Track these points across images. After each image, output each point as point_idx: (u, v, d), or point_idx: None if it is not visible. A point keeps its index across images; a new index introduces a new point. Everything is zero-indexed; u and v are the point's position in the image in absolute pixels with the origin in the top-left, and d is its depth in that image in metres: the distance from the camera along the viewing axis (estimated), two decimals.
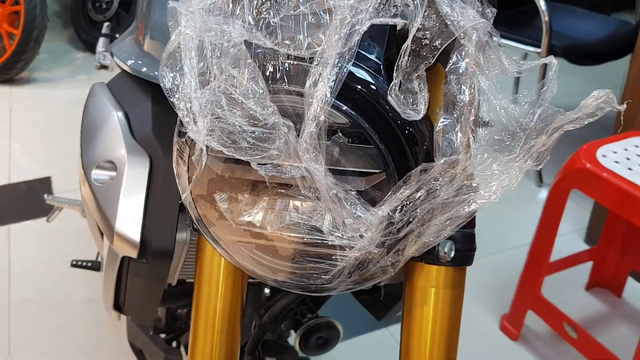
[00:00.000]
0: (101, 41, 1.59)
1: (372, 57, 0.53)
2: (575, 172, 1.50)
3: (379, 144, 0.52)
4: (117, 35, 1.70)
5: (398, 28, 0.50)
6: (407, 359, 0.65)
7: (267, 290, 0.98)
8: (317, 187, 0.51)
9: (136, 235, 0.70)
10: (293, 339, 1.00)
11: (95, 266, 1.41)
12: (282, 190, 0.55)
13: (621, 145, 1.56)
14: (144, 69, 0.78)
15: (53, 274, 1.93)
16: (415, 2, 0.49)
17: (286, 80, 0.51)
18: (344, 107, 0.50)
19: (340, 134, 0.53)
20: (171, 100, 0.52)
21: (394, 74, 0.50)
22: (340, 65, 0.48)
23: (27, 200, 2.32)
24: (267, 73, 0.51)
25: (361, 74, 0.51)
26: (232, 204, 0.58)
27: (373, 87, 0.51)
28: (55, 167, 2.52)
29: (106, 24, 1.68)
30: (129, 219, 0.71)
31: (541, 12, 2.25)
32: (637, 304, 1.90)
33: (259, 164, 0.50)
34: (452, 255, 0.61)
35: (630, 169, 1.45)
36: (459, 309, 0.66)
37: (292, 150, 0.49)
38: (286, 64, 0.51)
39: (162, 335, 1.18)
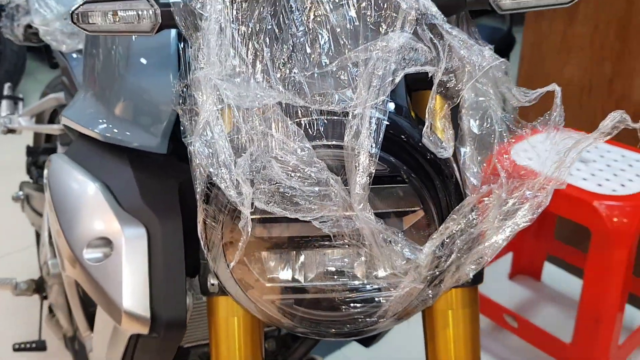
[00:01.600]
0: (4, 104, 1.49)
1: (399, 101, 0.55)
2: (496, 174, 1.61)
3: (416, 183, 0.54)
4: (20, 95, 1.60)
5: (430, 74, 0.53)
6: None
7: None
8: (361, 234, 0.53)
9: (146, 312, 0.67)
10: None
11: (39, 346, 1.31)
12: (325, 242, 0.55)
13: (530, 142, 1.70)
14: (119, 135, 0.75)
15: None
16: (438, 49, 0.52)
17: (324, 135, 0.52)
18: (384, 155, 0.52)
19: None
20: (209, 170, 0.51)
21: (426, 118, 0.53)
22: (377, 116, 0.50)
23: None
24: (303, 130, 0.52)
25: (397, 121, 0.53)
26: (271, 263, 0.57)
27: (409, 133, 0.53)
28: None
29: (7, 84, 1.57)
30: (136, 296, 0.67)
31: None
32: (556, 285, 2.06)
33: (321, 222, 0.50)
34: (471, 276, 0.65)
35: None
36: (477, 326, 0.69)
37: (345, 203, 0.50)
38: (320, 120, 0.52)
39: None
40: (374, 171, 0.50)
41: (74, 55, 1.22)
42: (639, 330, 1.68)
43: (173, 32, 0.73)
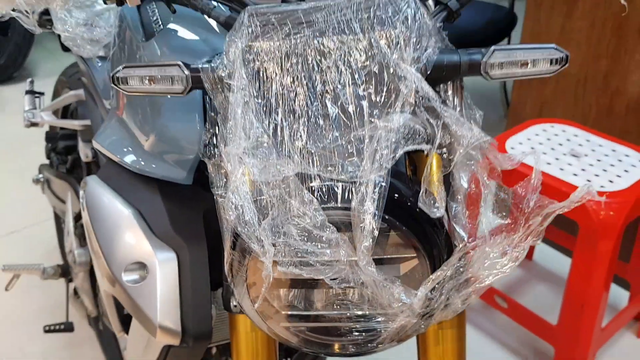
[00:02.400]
0: (27, 99, 1.57)
1: (399, 167, 0.64)
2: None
3: (412, 238, 0.63)
4: (42, 91, 1.67)
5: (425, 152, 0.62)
6: None
7: None
8: (365, 282, 0.63)
9: (178, 327, 0.78)
10: None
11: (67, 327, 1.43)
12: (335, 280, 0.65)
13: (525, 135, 1.78)
14: (147, 167, 0.84)
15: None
16: (433, 127, 0.61)
17: (333, 198, 0.61)
18: (388, 217, 0.61)
19: None
20: (239, 230, 0.60)
21: (421, 184, 0.62)
22: (380, 184, 0.59)
23: None
24: (316, 195, 0.61)
25: (397, 186, 0.62)
26: (288, 298, 0.67)
27: (407, 196, 0.62)
28: None
29: (28, 80, 1.65)
30: (169, 313, 0.78)
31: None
32: (547, 264, 2.18)
33: (331, 279, 0.60)
34: None
35: None
36: (464, 343, 0.80)
37: (352, 262, 0.60)
38: (332, 185, 0.61)
39: None
40: (377, 234, 0.59)
41: (97, 62, 1.30)
42: (621, 313, 1.79)
43: None
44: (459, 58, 0.65)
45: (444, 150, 0.62)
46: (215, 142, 0.70)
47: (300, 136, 0.62)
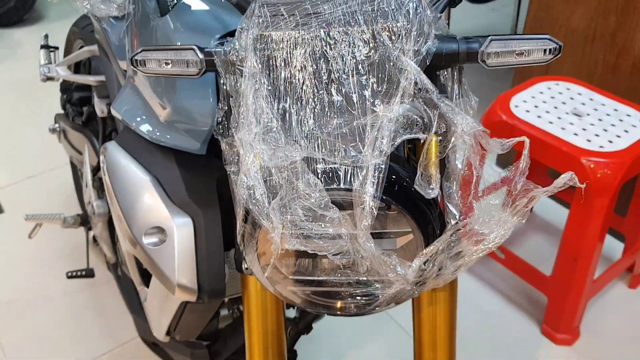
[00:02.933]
0: (42, 53, 1.61)
1: (398, 152, 0.69)
2: (494, 124, 1.74)
3: (408, 215, 0.70)
4: (56, 45, 1.71)
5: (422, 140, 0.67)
6: (420, 346, 0.87)
7: None
8: (364, 256, 0.69)
9: (194, 285, 0.86)
10: None
11: (89, 273, 1.52)
12: (337, 255, 0.72)
13: (529, 93, 1.81)
14: (163, 137, 0.90)
15: (22, 274, 2.00)
16: (429, 117, 0.66)
17: (336, 180, 0.67)
18: (385, 198, 0.67)
19: None
20: (250, 207, 0.67)
21: (418, 169, 0.67)
22: (379, 168, 0.65)
23: None
24: (321, 177, 0.67)
25: (395, 169, 0.68)
26: (295, 266, 0.74)
27: (404, 178, 0.68)
28: None
29: (44, 34, 1.68)
30: (186, 273, 0.86)
31: None
32: (546, 215, 2.25)
33: (334, 255, 0.67)
34: None
35: (539, 116, 1.70)
36: (455, 304, 0.87)
37: (353, 239, 0.66)
38: (335, 168, 0.67)
39: None
40: (375, 213, 0.65)
41: (111, 20, 1.33)
42: (614, 265, 1.87)
43: None
44: (457, 47, 0.70)
45: (440, 138, 0.68)
46: (227, 120, 0.76)
47: (307, 122, 0.67)
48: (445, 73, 0.73)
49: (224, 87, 0.74)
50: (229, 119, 0.75)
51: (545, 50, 0.69)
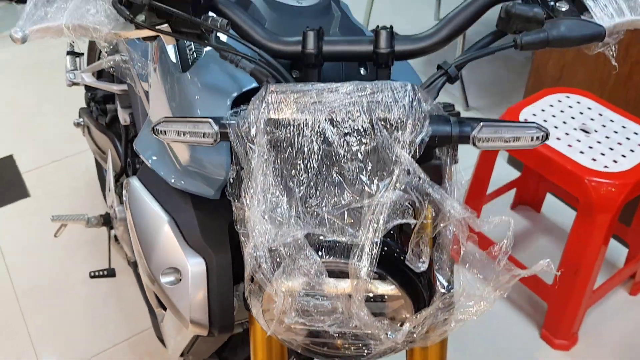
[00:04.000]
0: (68, 59, 1.67)
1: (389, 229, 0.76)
2: None
3: (400, 287, 0.77)
4: (81, 51, 1.77)
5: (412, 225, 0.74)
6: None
7: None
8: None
9: (206, 321, 0.94)
10: None
11: (110, 273, 1.62)
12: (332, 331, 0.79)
13: (539, 106, 1.84)
14: (179, 182, 0.97)
15: (46, 259, 2.11)
16: (421, 204, 0.72)
17: (334, 254, 0.74)
18: (378, 271, 0.74)
19: None
20: (256, 276, 0.74)
21: (409, 247, 0.74)
22: (373, 245, 0.72)
23: None
24: (320, 251, 0.74)
25: (388, 244, 0.74)
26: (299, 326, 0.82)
27: (396, 252, 0.75)
28: (15, 145, 2.59)
29: (69, 41, 1.74)
30: (198, 310, 0.94)
31: None
32: (554, 216, 2.29)
33: (329, 325, 0.74)
34: None
35: None
36: (445, 352, 0.94)
37: (349, 311, 0.74)
38: (333, 243, 0.74)
39: None
40: (369, 287, 0.72)
41: (135, 40, 1.38)
42: (616, 274, 1.92)
43: None
44: (450, 130, 0.75)
45: (430, 221, 0.74)
46: (238, 182, 0.82)
47: (310, 200, 0.74)
48: (440, 150, 0.78)
49: (237, 153, 0.80)
50: (240, 181, 0.81)
51: (532, 137, 0.74)
